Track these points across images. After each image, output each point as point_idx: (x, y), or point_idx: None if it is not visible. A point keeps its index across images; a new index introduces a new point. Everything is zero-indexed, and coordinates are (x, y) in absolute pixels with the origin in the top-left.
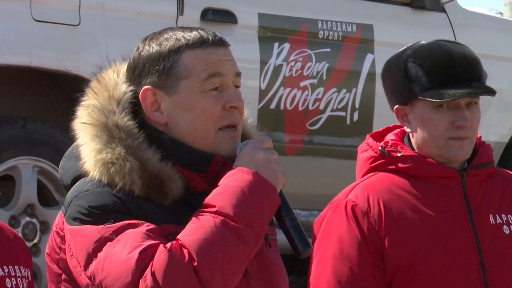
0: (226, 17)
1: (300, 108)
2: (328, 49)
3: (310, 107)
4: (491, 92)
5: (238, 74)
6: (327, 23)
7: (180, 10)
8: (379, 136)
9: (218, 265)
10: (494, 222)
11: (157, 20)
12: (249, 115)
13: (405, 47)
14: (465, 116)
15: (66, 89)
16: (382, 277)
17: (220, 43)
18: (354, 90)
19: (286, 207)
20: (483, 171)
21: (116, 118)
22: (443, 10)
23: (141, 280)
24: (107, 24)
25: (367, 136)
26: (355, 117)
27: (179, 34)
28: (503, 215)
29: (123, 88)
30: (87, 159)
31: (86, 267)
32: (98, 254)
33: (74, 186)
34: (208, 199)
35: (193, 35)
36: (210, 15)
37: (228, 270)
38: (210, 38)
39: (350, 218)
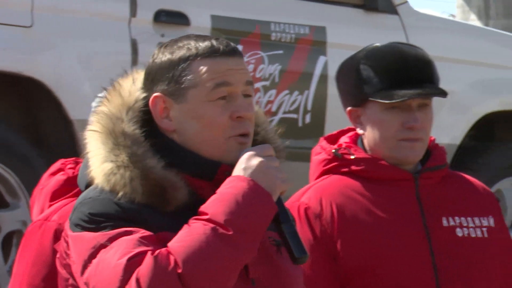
0: (179, 18)
1: None
2: (281, 51)
3: (263, 109)
4: (442, 93)
5: (249, 83)
6: (280, 25)
7: (133, 11)
8: (333, 139)
9: (203, 272)
10: (447, 225)
11: (110, 21)
12: (267, 120)
13: (358, 49)
14: (416, 117)
15: (20, 91)
16: (335, 279)
17: (232, 52)
18: (306, 92)
19: (284, 213)
20: (436, 174)
21: (123, 125)
22: (396, 12)
23: (126, 286)
24: (60, 25)
25: (321, 138)
26: (307, 119)
27: (192, 44)
28: (456, 218)
29: (136, 95)
30: (93, 167)
31: (82, 273)
32: (93, 260)
33: (82, 193)
34: (203, 207)
35: (204, 45)
36: (163, 16)
37: (215, 277)
38: (221, 48)
39: (303, 220)
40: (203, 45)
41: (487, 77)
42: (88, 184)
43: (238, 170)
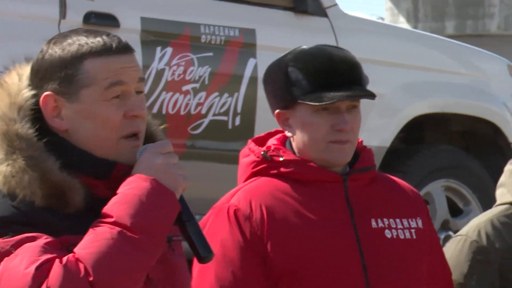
0: (109, 20)
1: (182, 113)
2: (211, 54)
3: (192, 112)
4: (370, 95)
5: (141, 80)
6: (210, 27)
7: (63, 13)
8: (261, 141)
9: (114, 278)
10: (376, 226)
11: (40, 23)
12: (151, 117)
13: (288, 52)
14: (345, 119)
15: None
16: (265, 281)
17: (124, 49)
18: (236, 94)
19: (187, 212)
20: (365, 175)
21: (17, 126)
22: (326, 15)
23: None
24: None
25: (249, 141)
26: (237, 122)
27: (83, 40)
28: (385, 219)
29: (25, 94)
30: None
31: None
32: None
33: None
34: (106, 209)
35: (96, 41)
36: (93, 18)
37: (126, 282)
38: (113, 45)
39: (233, 222)
40: (95, 41)
41: (416, 80)
42: None
43: (139, 168)
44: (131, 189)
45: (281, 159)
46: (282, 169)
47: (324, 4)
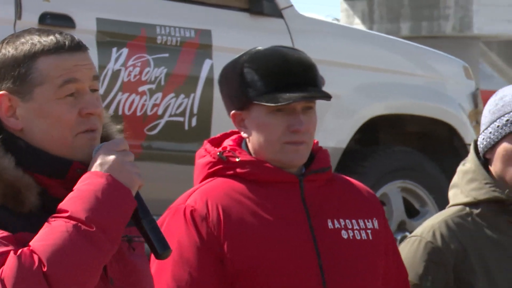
0: (64, 21)
1: (138, 113)
2: (167, 55)
3: (149, 113)
4: (326, 96)
5: (96, 78)
6: (165, 28)
7: (18, 14)
8: (216, 142)
9: (69, 271)
10: (332, 227)
11: None
12: (109, 117)
13: (242, 53)
14: (301, 120)
15: None
16: (222, 282)
17: (77, 47)
18: (192, 95)
19: (143, 209)
20: (321, 176)
21: None
22: (281, 16)
23: None
24: None
25: (205, 141)
26: (194, 123)
27: (36, 39)
28: (341, 220)
29: None
30: None
31: None
32: None
33: None
34: (62, 204)
35: (49, 40)
36: (48, 19)
37: (81, 276)
38: (66, 43)
39: (189, 223)
40: (48, 40)
41: (372, 81)
42: None
43: (94, 166)
44: (87, 185)
45: (237, 159)
46: (238, 170)
47: (280, 5)
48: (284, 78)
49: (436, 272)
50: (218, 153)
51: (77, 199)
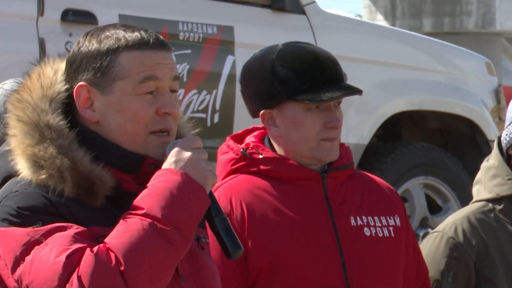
0: (87, 18)
1: None
2: (189, 51)
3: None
4: (359, 91)
5: (176, 78)
6: (188, 24)
7: (41, 11)
8: (239, 138)
9: (145, 269)
10: (355, 224)
11: (17, 21)
12: (183, 116)
13: (262, 50)
14: (337, 116)
15: None
16: (244, 278)
17: (161, 45)
18: (214, 92)
19: (216, 207)
20: (343, 173)
21: (48, 117)
22: (303, 12)
23: (67, 284)
24: None
25: (227, 138)
26: (216, 119)
27: (120, 34)
28: (363, 217)
29: (58, 88)
30: (18, 156)
31: (13, 270)
32: (26, 257)
33: (4, 186)
34: (136, 201)
35: (134, 35)
36: (71, 16)
37: (156, 274)
38: (150, 40)
39: None
40: (132, 35)
41: (394, 78)
42: (7, 177)
43: (169, 163)
44: (162, 182)
45: (260, 156)
46: (262, 167)
47: (302, 1)
48: (318, 75)
49: (457, 267)
50: (241, 150)
51: (153, 196)
